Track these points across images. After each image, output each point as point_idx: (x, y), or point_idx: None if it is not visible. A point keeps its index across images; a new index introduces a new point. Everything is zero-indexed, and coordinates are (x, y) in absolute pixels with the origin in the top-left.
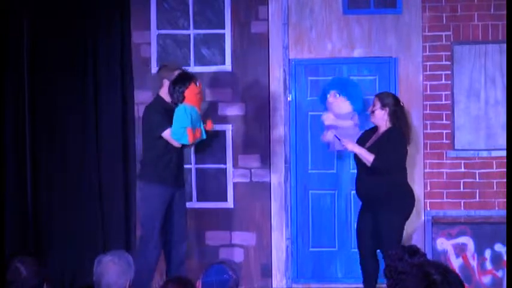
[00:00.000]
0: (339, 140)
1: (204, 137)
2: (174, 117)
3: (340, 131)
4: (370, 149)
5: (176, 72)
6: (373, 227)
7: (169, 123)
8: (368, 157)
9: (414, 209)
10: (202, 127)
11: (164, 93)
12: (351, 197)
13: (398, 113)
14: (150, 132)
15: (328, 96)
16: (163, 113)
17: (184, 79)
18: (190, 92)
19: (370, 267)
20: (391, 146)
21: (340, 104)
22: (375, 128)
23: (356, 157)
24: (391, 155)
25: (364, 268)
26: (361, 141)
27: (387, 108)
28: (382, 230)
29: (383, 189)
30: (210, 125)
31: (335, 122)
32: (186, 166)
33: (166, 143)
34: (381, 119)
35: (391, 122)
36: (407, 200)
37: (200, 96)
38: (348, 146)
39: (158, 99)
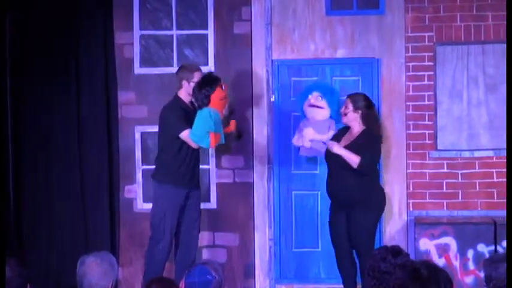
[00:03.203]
0: (324, 143)
1: (223, 141)
2: (197, 119)
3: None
4: (348, 149)
5: (196, 74)
6: (347, 228)
7: (187, 124)
8: (354, 158)
9: (397, 209)
10: (222, 132)
11: (183, 94)
12: None
13: (370, 116)
14: (166, 132)
15: (310, 97)
16: (180, 114)
17: (211, 82)
18: (216, 96)
19: (348, 268)
20: (371, 146)
21: (319, 111)
22: (346, 128)
23: (327, 157)
24: (373, 156)
25: (342, 270)
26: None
27: (359, 112)
28: (357, 231)
29: (357, 189)
30: (233, 126)
31: (316, 137)
32: None
33: (182, 143)
34: (354, 120)
35: (364, 124)
36: (380, 200)
37: (225, 101)
38: (334, 149)
39: (176, 99)
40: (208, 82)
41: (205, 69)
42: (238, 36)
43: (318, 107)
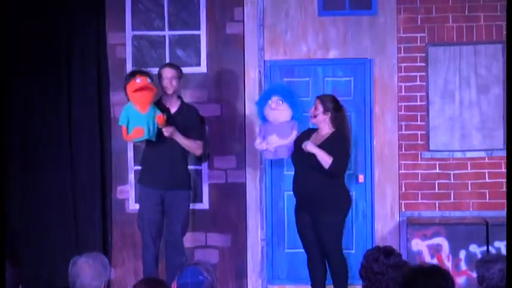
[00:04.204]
0: (289, 149)
1: (147, 136)
2: None
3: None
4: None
5: (162, 70)
6: (314, 229)
7: None
8: (327, 159)
9: (389, 209)
10: (145, 127)
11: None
12: None
13: (339, 118)
14: None
15: (270, 102)
16: None
17: (128, 76)
18: (129, 88)
19: (318, 269)
20: (341, 149)
21: (281, 113)
22: (312, 130)
23: (294, 156)
24: (344, 158)
25: (313, 273)
26: (299, 143)
27: (329, 113)
28: (322, 231)
29: (321, 189)
30: (160, 120)
31: (281, 142)
32: None
33: (148, 143)
34: (323, 122)
35: (333, 126)
36: (344, 201)
37: (140, 94)
38: (308, 147)
39: (159, 100)
40: (126, 76)
41: (197, 69)
42: (230, 37)
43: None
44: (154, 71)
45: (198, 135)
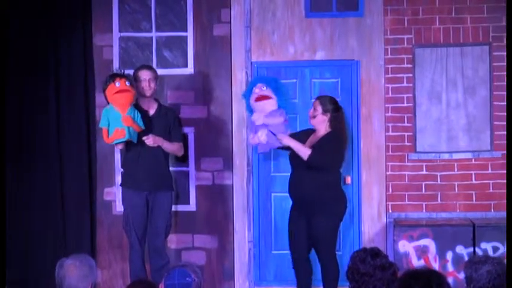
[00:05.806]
0: (274, 135)
1: (127, 137)
2: None
3: (270, 128)
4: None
5: (138, 72)
6: (307, 230)
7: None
8: (304, 151)
9: (376, 211)
10: (126, 128)
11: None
12: None
13: (338, 118)
14: None
15: (255, 88)
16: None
17: (107, 79)
18: (108, 91)
19: (304, 270)
20: (331, 146)
21: (267, 102)
22: (311, 130)
23: (292, 157)
24: (330, 155)
25: (298, 272)
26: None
27: (328, 114)
28: (317, 233)
29: (318, 191)
30: (127, 122)
31: (266, 121)
32: None
33: (127, 145)
34: (322, 123)
35: (331, 127)
36: (340, 203)
37: (119, 96)
38: (284, 140)
39: (136, 101)
40: (105, 80)
41: (184, 71)
42: (217, 39)
43: (264, 97)
44: None
45: (178, 136)
